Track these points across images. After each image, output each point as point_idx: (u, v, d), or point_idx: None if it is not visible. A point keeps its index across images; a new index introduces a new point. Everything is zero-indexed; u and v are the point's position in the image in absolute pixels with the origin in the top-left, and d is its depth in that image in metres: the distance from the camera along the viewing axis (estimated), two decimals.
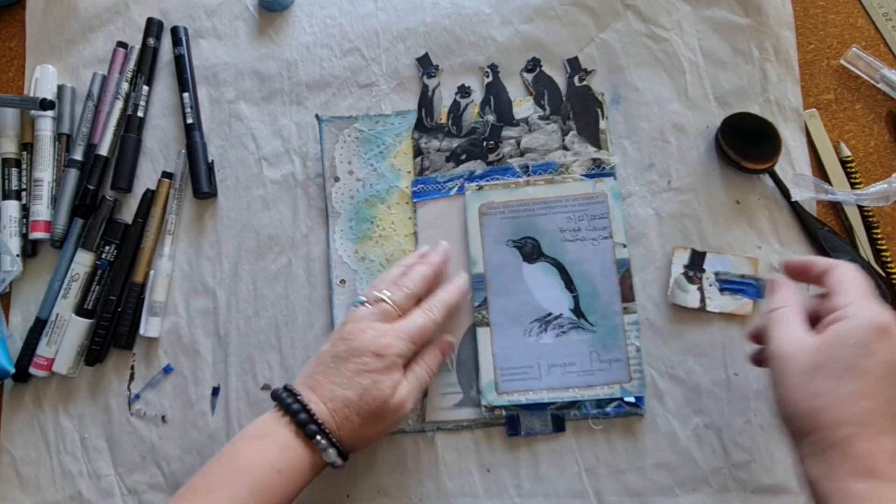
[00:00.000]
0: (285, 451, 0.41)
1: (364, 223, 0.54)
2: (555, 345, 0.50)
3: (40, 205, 0.56)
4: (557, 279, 0.51)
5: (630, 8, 0.56)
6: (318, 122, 0.56)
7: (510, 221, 0.52)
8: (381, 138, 0.55)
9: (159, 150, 0.58)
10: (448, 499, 0.50)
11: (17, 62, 0.61)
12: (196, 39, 0.59)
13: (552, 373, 0.50)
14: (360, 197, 0.55)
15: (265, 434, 0.42)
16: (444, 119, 0.55)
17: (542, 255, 0.52)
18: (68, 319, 0.54)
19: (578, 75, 0.55)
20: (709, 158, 0.53)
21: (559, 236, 0.52)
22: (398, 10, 0.58)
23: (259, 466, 0.41)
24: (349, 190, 0.55)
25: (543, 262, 0.51)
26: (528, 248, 0.52)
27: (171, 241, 0.55)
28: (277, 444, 0.42)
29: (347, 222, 0.54)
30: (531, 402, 0.50)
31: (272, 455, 0.41)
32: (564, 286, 0.51)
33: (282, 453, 0.41)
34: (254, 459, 0.41)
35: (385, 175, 0.55)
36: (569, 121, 0.54)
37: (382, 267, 0.53)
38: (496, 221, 0.52)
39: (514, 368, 0.50)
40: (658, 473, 0.49)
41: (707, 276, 0.51)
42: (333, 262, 0.54)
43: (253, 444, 0.42)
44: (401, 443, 0.51)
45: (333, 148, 0.55)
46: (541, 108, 0.54)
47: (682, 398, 0.50)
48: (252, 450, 0.42)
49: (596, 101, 0.54)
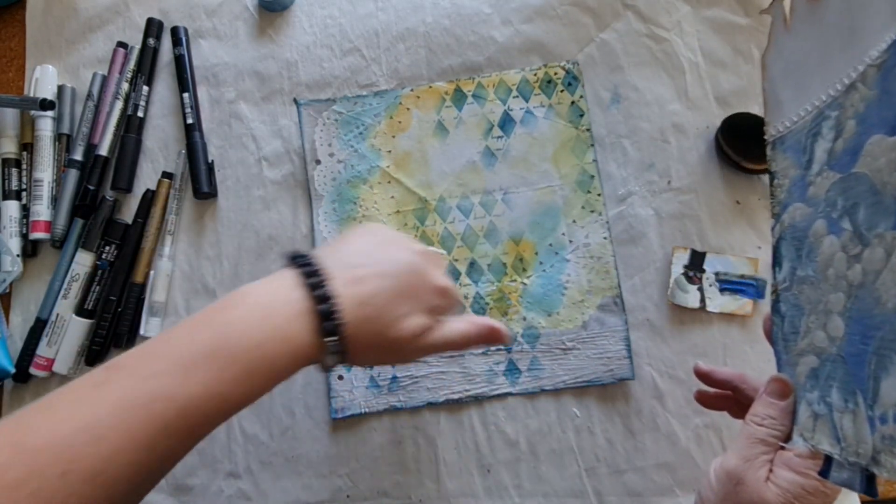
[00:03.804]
0: (285, 344, 0.33)
1: (347, 204, 0.55)
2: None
3: (40, 205, 0.56)
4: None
5: (630, 8, 0.56)
6: (297, 105, 0.56)
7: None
8: (361, 119, 0.55)
9: (159, 150, 0.57)
10: (448, 499, 0.50)
11: (17, 62, 0.61)
12: (196, 39, 0.59)
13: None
14: (341, 178, 0.55)
15: (270, 311, 0.33)
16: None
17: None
18: (68, 320, 0.54)
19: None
20: (709, 158, 0.53)
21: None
22: (398, 10, 0.58)
23: (249, 352, 0.32)
24: (331, 172, 0.55)
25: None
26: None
27: (171, 242, 0.55)
28: (280, 333, 0.33)
29: (331, 204, 0.55)
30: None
31: (271, 346, 0.33)
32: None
33: (281, 346, 0.33)
34: (244, 341, 0.32)
35: (366, 156, 0.55)
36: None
37: None
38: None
39: None
40: (658, 473, 0.49)
41: (707, 276, 0.51)
42: (319, 244, 0.54)
43: (249, 318, 0.33)
44: (401, 443, 0.51)
45: (313, 131, 0.56)
46: None
47: (682, 398, 0.50)
48: (246, 327, 0.33)
49: None
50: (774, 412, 0.34)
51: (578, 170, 0.54)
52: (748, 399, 0.37)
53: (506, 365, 0.52)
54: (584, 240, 0.53)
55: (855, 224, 0.28)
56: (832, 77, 0.31)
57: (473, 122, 0.55)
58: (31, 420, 0.28)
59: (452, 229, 0.54)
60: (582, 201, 0.53)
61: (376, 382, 0.52)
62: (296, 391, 0.53)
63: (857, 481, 0.28)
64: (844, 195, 0.29)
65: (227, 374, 0.31)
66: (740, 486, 0.33)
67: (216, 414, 0.32)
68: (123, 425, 0.28)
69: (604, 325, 0.52)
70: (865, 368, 0.27)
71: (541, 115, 0.55)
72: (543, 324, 0.52)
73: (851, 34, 0.29)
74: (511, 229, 0.54)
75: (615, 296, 0.52)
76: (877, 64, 0.27)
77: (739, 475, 0.33)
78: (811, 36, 0.32)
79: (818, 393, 0.31)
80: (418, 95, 0.56)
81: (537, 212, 0.54)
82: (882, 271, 0.26)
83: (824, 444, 0.30)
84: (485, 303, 0.53)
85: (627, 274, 0.52)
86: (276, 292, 0.34)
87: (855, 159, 0.28)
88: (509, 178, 0.54)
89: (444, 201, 0.54)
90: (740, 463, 0.33)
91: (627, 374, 0.51)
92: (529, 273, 0.53)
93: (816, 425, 0.31)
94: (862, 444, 0.27)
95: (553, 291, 0.52)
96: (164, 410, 0.29)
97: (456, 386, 0.52)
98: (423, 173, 0.55)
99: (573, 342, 0.52)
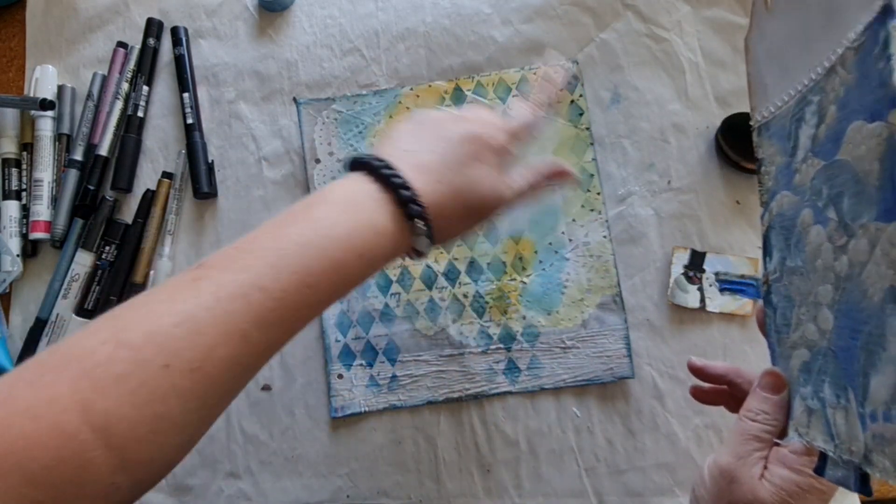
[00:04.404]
0: (374, 234, 0.33)
1: None
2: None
3: (40, 205, 0.56)
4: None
5: (630, 8, 0.56)
6: (296, 104, 0.56)
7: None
8: (360, 118, 0.56)
9: (159, 150, 0.58)
10: (448, 499, 0.50)
11: (17, 62, 0.61)
12: (196, 39, 0.59)
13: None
14: (341, 177, 0.55)
15: (353, 206, 0.34)
16: None
17: None
18: (68, 319, 0.54)
19: None
20: (709, 158, 0.53)
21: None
22: (398, 10, 0.58)
23: (339, 242, 0.32)
24: (330, 171, 0.55)
25: None
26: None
27: (171, 242, 0.55)
28: (365, 223, 0.33)
29: None
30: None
31: (359, 235, 0.33)
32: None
33: (369, 235, 0.33)
34: (334, 233, 0.32)
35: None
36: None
37: None
38: None
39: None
40: (658, 473, 0.49)
41: (707, 276, 0.51)
42: None
43: (334, 214, 0.33)
44: (401, 442, 0.51)
45: (313, 130, 0.56)
46: None
47: (681, 398, 0.50)
48: (333, 222, 0.32)
49: None
50: (768, 407, 0.33)
51: (578, 169, 0.54)
52: (744, 393, 0.37)
53: (505, 364, 0.52)
54: (584, 238, 0.53)
55: (840, 214, 0.27)
56: (814, 60, 0.29)
57: None
58: (130, 316, 0.28)
59: None
60: (581, 200, 0.53)
61: (376, 381, 0.52)
62: (296, 391, 0.53)
63: (852, 480, 0.27)
64: (829, 183, 0.28)
65: (317, 265, 0.31)
66: (734, 483, 0.32)
67: (308, 307, 0.32)
68: (219, 318, 0.28)
69: (603, 324, 0.52)
70: (855, 364, 0.26)
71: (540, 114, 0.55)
72: (543, 322, 0.52)
73: (831, 15, 0.28)
74: (510, 228, 0.54)
75: (615, 294, 0.52)
76: (854, 47, 0.26)
77: (733, 473, 0.32)
78: (792, 16, 0.31)
79: (811, 387, 0.30)
80: (418, 94, 0.56)
81: (537, 210, 0.54)
82: (867, 263, 0.25)
83: (819, 440, 0.29)
84: (484, 301, 0.53)
85: (627, 274, 0.52)
86: (354, 189, 0.35)
87: (838, 146, 0.27)
88: None
89: None
90: (733, 460, 0.33)
91: (627, 373, 0.51)
92: (529, 272, 0.53)
93: (811, 421, 0.30)
94: (855, 441, 0.26)
95: (553, 290, 0.52)
96: (258, 302, 0.29)
97: (456, 385, 0.52)
98: None
99: (573, 341, 0.52)
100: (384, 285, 0.54)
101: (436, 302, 0.53)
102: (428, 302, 0.53)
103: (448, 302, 0.53)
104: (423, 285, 0.53)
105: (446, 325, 0.53)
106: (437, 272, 0.54)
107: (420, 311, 0.53)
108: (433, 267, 0.54)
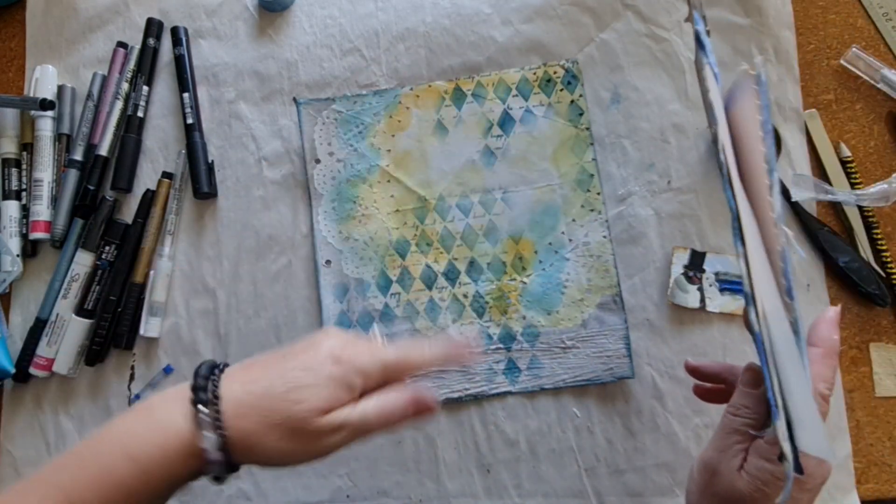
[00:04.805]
0: (157, 432, 0.32)
1: (347, 203, 0.55)
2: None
3: (40, 205, 0.56)
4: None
5: (630, 8, 0.56)
6: (296, 104, 0.56)
7: None
8: (360, 118, 0.56)
9: (159, 150, 0.58)
10: (448, 499, 0.50)
11: (17, 62, 0.61)
12: (196, 39, 0.59)
13: None
14: (341, 177, 0.55)
15: (150, 407, 0.34)
16: None
17: None
18: (68, 319, 0.54)
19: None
20: (709, 158, 0.53)
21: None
22: (398, 10, 0.58)
23: (111, 450, 0.32)
24: (330, 171, 0.55)
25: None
26: None
27: (171, 242, 0.55)
28: (153, 420, 0.33)
29: (330, 203, 0.55)
30: None
31: (138, 434, 0.32)
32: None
33: (151, 433, 0.32)
34: (111, 438, 0.32)
35: (365, 155, 0.55)
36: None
37: (367, 246, 0.54)
38: None
39: None
40: (658, 473, 0.49)
41: (707, 276, 0.51)
42: (318, 243, 0.54)
43: (129, 417, 0.33)
44: (401, 442, 0.51)
45: (312, 130, 0.56)
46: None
47: (681, 398, 0.50)
48: (121, 426, 0.33)
49: None
50: (749, 401, 0.34)
51: (578, 168, 0.54)
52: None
53: (505, 364, 0.52)
54: (584, 238, 0.53)
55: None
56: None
57: (473, 121, 0.55)
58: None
59: (452, 228, 0.54)
60: (581, 200, 0.53)
61: None
62: None
63: (794, 465, 0.29)
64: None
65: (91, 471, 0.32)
66: (715, 476, 0.33)
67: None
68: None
69: (603, 324, 0.52)
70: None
71: (540, 114, 0.55)
72: (543, 322, 0.52)
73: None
74: (510, 228, 0.54)
75: (615, 294, 0.52)
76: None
77: (714, 465, 0.33)
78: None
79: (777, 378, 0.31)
80: (418, 94, 0.56)
81: (537, 210, 0.54)
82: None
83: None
84: (484, 301, 0.53)
85: (627, 274, 0.52)
86: (166, 393, 0.35)
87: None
88: (509, 177, 0.54)
89: (444, 200, 0.54)
90: (715, 454, 0.34)
91: (627, 373, 0.51)
92: (529, 272, 0.53)
93: (778, 411, 0.31)
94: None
95: (552, 290, 0.52)
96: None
97: (455, 385, 0.52)
98: (423, 172, 0.55)
99: (573, 341, 0.52)
100: (384, 285, 0.54)
101: (436, 302, 0.53)
102: (428, 302, 0.53)
103: (448, 302, 0.53)
104: (423, 285, 0.53)
105: (446, 325, 0.53)
106: (437, 272, 0.54)
107: (420, 311, 0.53)
108: (433, 267, 0.54)
